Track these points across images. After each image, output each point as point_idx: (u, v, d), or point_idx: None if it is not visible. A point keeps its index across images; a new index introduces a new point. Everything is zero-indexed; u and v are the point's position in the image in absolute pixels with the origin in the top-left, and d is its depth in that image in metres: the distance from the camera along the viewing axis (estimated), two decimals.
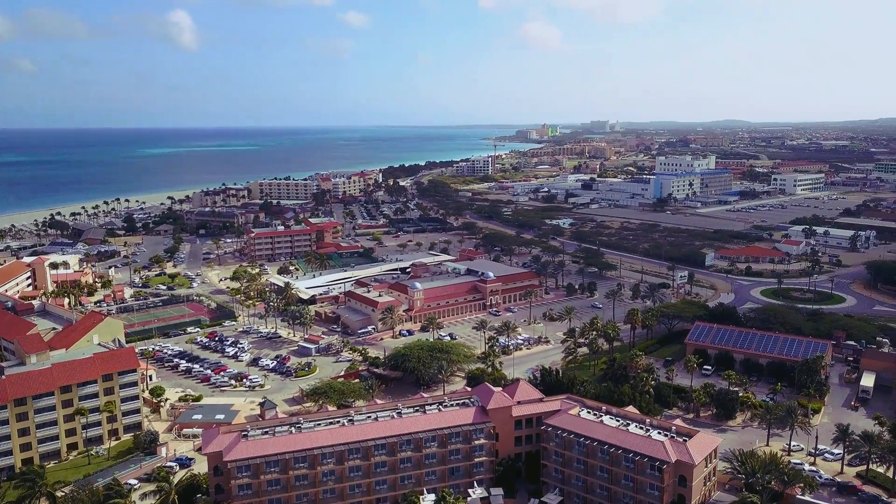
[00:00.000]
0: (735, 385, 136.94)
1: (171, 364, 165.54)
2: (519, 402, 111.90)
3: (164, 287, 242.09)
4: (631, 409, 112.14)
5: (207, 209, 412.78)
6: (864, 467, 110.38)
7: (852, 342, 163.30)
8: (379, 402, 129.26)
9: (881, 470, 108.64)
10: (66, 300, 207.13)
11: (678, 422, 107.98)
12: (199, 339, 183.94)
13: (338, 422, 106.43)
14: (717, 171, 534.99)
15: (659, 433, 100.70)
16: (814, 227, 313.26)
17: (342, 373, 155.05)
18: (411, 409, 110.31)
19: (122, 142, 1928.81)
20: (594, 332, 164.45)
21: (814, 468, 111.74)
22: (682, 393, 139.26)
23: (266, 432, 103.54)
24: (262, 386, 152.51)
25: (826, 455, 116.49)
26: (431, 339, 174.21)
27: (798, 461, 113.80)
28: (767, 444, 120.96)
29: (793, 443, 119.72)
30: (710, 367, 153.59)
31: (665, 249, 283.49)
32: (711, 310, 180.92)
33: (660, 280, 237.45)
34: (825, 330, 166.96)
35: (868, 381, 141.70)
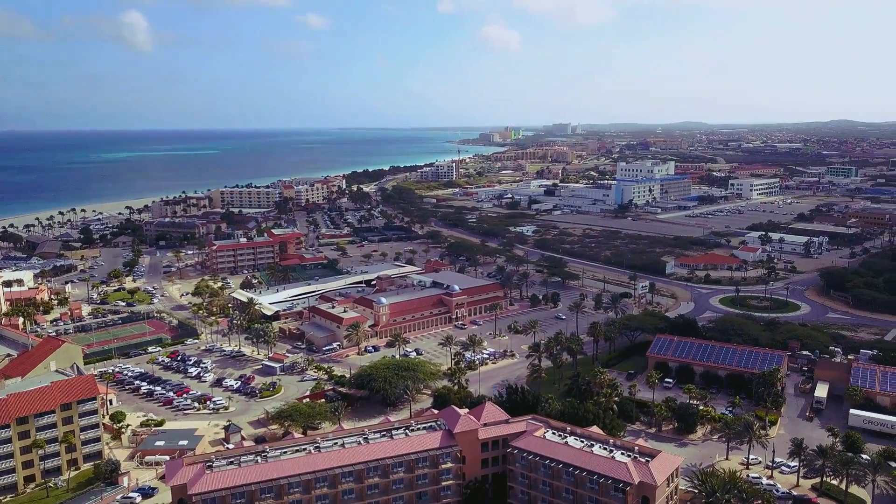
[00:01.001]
0: (695, 399, 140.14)
1: (131, 387, 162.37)
2: (485, 425, 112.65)
3: (124, 303, 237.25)
4: (595, 429, 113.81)
5: (167, 219, 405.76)
6: (818, 480, 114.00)
7: (806, 352, 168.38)
8: (345, 426, 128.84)
9: (835, 482, 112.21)
10: (21, 320, 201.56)
11: (640, 441, 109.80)
12: (160, 359, 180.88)
13: (304, 449, 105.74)
14: (676, 177, 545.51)
15: (622, 454, 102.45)
16: (769, 234, 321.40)
17: (307, 393, 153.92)
18: (378, 435, 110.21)
19: (74, 145, 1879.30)
20: (558, 347, 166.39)
21: (771, 482, 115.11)
22: (644, 407, 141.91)
23: (231, 462, 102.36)
24: (226, 408, 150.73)
25: (783, 468, 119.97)
26: (397, 356, 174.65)
27: (756, 475, 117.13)
28: (727, 458, 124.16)
29: (751, 456, 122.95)
30: (671, 381, 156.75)
31: (626, 258, 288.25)
32: (672, 321, 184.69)
33: (622, 289, 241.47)
34: (781, 340, 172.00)
35: (822, 391, 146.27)
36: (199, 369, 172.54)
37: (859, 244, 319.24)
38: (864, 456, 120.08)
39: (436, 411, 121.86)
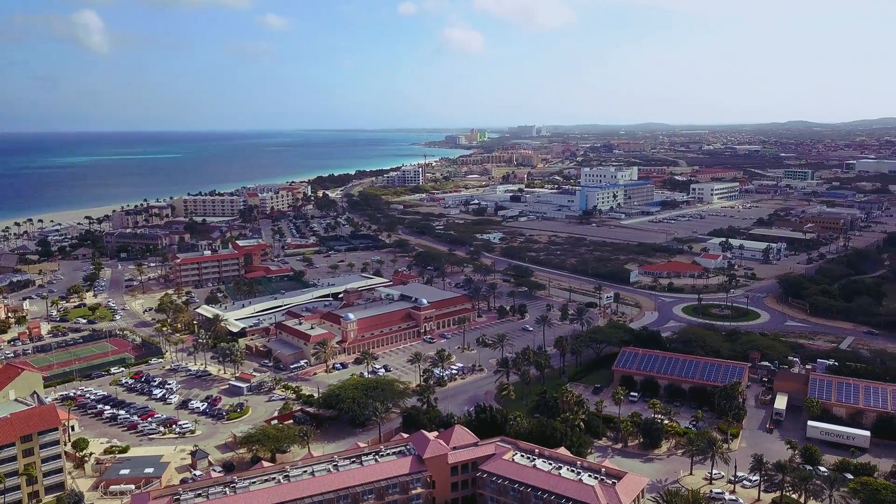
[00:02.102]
0: (660, 413, 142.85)
1: (94, 411, 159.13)
2: (455, 448, 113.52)
3: (85, 321, 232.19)
4: (562, 450, 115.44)
5: (129, 230, 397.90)
6: (778, 493, 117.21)
7: (766, 363, 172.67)
8: (314, 448, 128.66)
9: (795, 496, 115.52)
10: None
11: (607, 462, 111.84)
12: (124, 381, 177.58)
13: (274, 478, 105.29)
14: (639, 183, 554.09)
15: (590, 476, 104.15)
16: (730, 241, 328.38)
17: (276, 414, 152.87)
18: (348, 461, 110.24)
19: (28, 149, 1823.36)
20: (525, 362, 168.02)
21: (733, 496, 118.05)
22: (611, 422, 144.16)
23: (199, 494, 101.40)
24: (192, 432, 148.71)
25: (745, 482, 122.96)
26: (366, 374, 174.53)
27: (719, 490, 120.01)
28: (691, 473, 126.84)
29: (714, 471, 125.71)
30: (636, 395, 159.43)
31: (592, 266, 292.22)
32: (636, 334, 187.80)
33: (587, 299, 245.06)
34: (742, 351, 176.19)
35: (781, 403, 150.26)
36: (165, 391, 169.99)
37: (816, 249, 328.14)
38: (822, 468, 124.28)
39: (405, 435, 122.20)
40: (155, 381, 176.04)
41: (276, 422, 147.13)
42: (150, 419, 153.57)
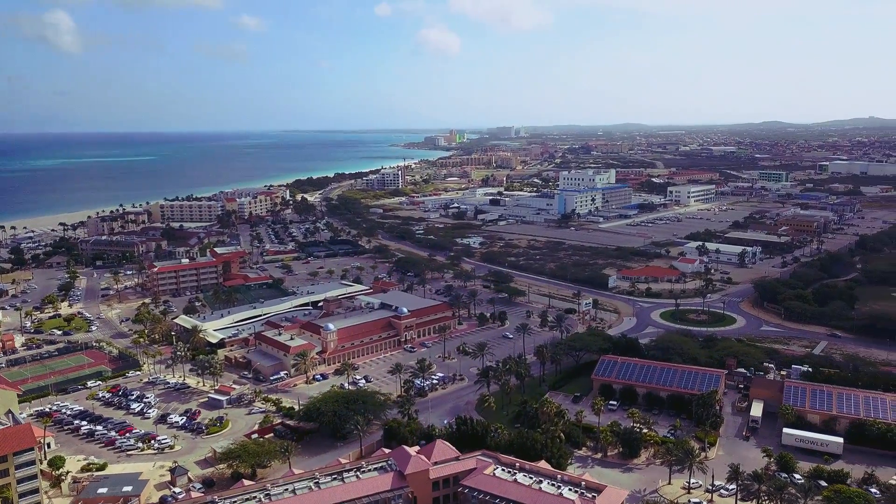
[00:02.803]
0: (638, 423, 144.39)
1: (71, 427, 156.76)
2: (436, 463, 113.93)
3: (60, 332, 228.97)
4: (543, 463, 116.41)
5: (104, 237, 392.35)
6: (755, 503, 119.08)
7: (742, 370, 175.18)
8: (295, 462, 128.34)
9: None
10: None
11: (587, 476, 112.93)
12: (101, 395, 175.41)
13: (255, 498, 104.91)
14: (617, 186, 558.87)
15: (570, 490, 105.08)
16: (706, 245, 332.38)
17: (256, 428, 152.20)
18: (329, 478, 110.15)
19: None
20: (506, 371, 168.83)
21: None
22: (590, 432, 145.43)
23: None
24: (171, 447, 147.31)
25: (722, 492, 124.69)
26: (346, 385, 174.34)
27: (697, 500, 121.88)
28: (669, 483, 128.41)
29: (692, 480, 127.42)
30: (615, 403, 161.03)
31: (570, 271, 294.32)
32: (615, 341, 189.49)
33: (566, 304, 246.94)
34: (718, 358, 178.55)
35: (756, 410, 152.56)
36: (143, 404, 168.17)
37: (790, 253, 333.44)
38: (797, 475, 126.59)
39: (387, 450, 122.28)
40: (133, 395, 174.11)
41: (256, 436, 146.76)
42: (128, 435, 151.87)
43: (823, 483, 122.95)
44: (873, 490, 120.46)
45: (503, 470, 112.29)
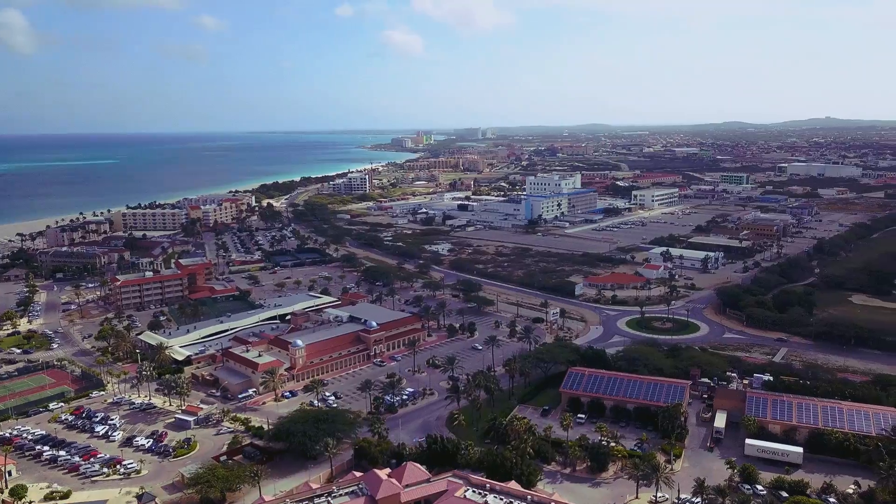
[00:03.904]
0: (606, 436, 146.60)
1: (32, 453, 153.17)
2: (407, 486, 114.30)
3: (19, 350, 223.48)
4: (513, 483, 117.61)
5: (64, 248, 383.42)
6: None
7: (706, 379, 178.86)
8: (265, 490, 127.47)
9: None
10: None
11: (556, 496, 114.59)
12: (63, 417, 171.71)
13: None
14: (582, 191, 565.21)
15: None
16: (670, 251, 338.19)
17: (224, 449, 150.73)
18: None
19: None
20: (475, 386, 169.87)
21: None
22: (559, 446, 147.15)
23: None
24: (138, 472, 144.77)
25: None
26: (316, 402, 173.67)
27: None
28: (637, 497, 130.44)
29: (659, 494, 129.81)
30: (583, 416, 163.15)
31: (538, 279, 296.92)
32: (583, 353, 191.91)
33: (535, 314, 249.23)
34: (683, 367, 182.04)
35: (720, 421, 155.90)
36: (107, 427, 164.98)
37: (751, 257, 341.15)
38: (759, 486, 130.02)
39: (358, 474, 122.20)
40: (97, 417, 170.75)
41: (225, 457, 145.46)
42: (92, 459, 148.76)
43: (785, 494, 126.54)
44: (832, 500, 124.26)
45: (474, 492, 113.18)
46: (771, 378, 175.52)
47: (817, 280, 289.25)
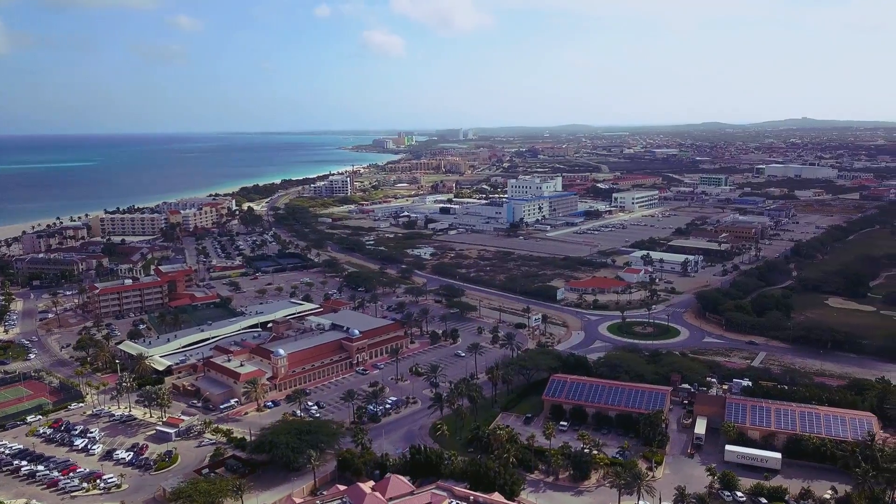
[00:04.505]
0: (588, 444, 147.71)
1: (9, 468, 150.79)
2: (391, 499, 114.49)
3: None
4: (496, 496, 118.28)
5: (41, 254, 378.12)
6: None
7: (686, 385, 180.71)
8: (247, 499, 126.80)
9: None
10: None
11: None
12: (41, 431, 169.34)
13: None
14: (563, 194, 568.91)
15: None
16: (650, 254, 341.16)
17: (207, 462, 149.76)
18: None
19: None
20: (458, 394, 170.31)
21: None
22: (542, 455, 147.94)
23: None
24: (118, 487, 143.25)
25: None
26: (298, 412, 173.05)
27: None
28: None
29: (641, 502, 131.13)
30: (566, 424, 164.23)
31: (520, 283, 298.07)
32: (565, 360, 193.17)
33: (517, 319, 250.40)
34: (664, 373, 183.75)
35: (700, 427, 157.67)
36: (87, 440, 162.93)
37: (730, 260, 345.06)
38: (739, 493, 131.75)
39: (341, 487, 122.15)
40: (76, 430, 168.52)
41: (206, 470, 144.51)
42: (71, 474, 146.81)
43: (764, 500, 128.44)
44: None
45: None
46: (750, 383, 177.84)
47: (795, 283, 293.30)
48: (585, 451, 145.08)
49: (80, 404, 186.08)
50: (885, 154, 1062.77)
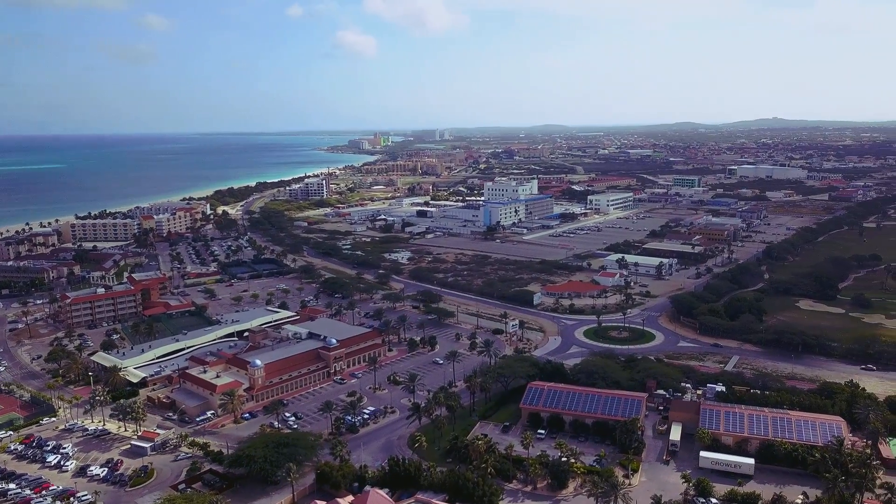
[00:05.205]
0: (565, 453, 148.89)
1: None
2: None
3: None
4: None
5: (10, 262, 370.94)
6: None
7: (662, 391, 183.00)
8: None
9: None
10: None
11: None
12: (12, 447, 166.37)
13: None
14: (539, 197, 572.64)
15: None
16: (626, 258, 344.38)
17: (183, 477, 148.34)
18: None
19: None
20: (436, 404, 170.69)
21: None
22: (520, 463, 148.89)
23: None
24: None
25: None
26: (276, 423, 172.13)
27: None
28: None
29: None
30: (543, 432, 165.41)
31: (497, 288, 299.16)
32: (542, 367, 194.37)
33: (494, 325, 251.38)
34: (640, 379, 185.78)
35: (676, 433, 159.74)
36: (59, 456, 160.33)
37: (703, 263, 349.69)
38: (714, 500, 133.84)
39: (320, 503, 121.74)
40: (48, 446, 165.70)
41: (183, 485, 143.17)
42: (44, 493, 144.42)
43: None
44: None
45: None
46: (724, 389, 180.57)
47: (766, 285, 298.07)
48: (563, 459, 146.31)
49: (53, 419, 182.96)
50: (852, 154, 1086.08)
